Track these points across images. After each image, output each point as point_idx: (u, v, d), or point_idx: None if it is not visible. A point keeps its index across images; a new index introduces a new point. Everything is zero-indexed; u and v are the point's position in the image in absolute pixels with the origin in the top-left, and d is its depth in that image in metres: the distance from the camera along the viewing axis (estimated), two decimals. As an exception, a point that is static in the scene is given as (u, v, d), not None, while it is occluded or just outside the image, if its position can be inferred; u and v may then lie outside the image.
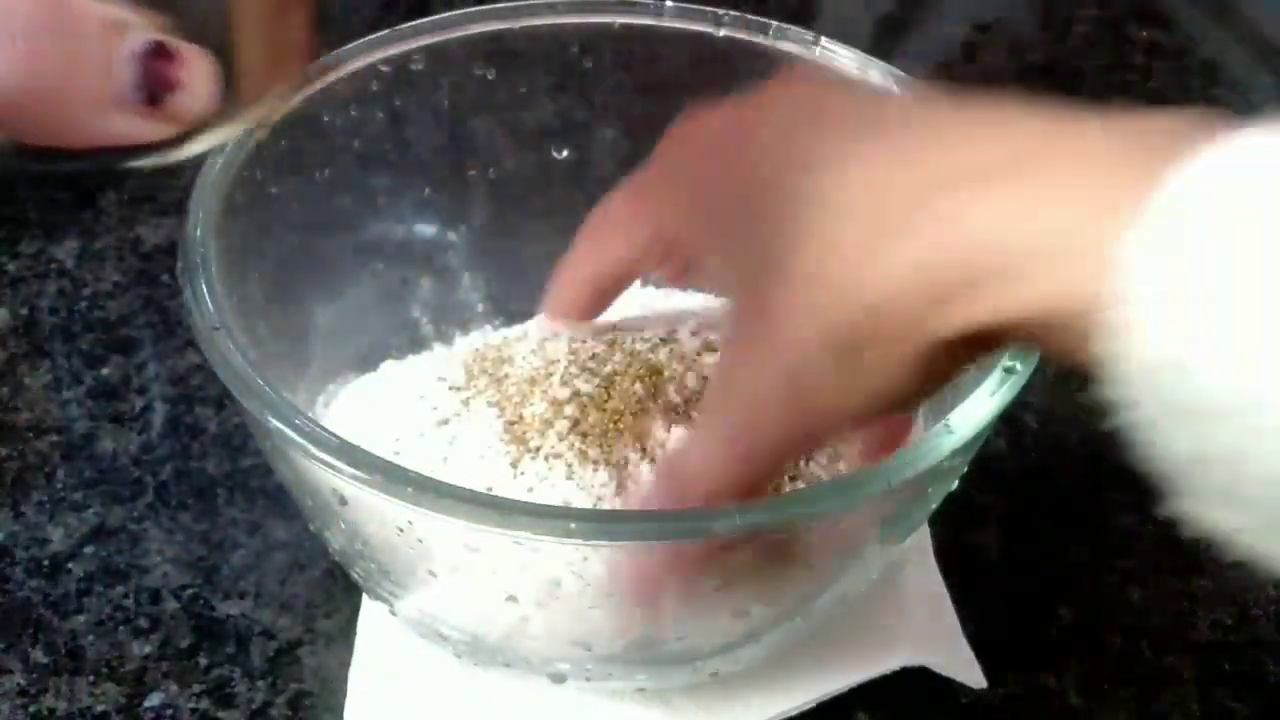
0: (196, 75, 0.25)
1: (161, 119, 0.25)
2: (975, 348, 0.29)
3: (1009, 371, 0.36)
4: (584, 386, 0.41)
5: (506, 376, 0.42)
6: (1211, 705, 0.47)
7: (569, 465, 0.39)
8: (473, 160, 0.53)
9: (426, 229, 0.53)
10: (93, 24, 0.22)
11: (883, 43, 0.82)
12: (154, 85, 0.24)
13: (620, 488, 0.39)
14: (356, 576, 0.42)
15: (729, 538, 0.33)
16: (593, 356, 0.42)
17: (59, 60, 0.22)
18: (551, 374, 0.41)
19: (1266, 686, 0.48)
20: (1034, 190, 0.27)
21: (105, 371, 0.56)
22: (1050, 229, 0.26)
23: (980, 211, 0.27)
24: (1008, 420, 0.37)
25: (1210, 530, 0.25)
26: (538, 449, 0.40)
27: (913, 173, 0.29)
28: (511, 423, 0.41)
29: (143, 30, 0.23)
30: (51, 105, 0.23)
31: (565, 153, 0.54)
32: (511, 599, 0.37)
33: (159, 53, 0.24)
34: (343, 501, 0.36)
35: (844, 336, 0.29)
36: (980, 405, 0.36)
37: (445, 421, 0.42)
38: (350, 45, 0.48)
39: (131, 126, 0.24)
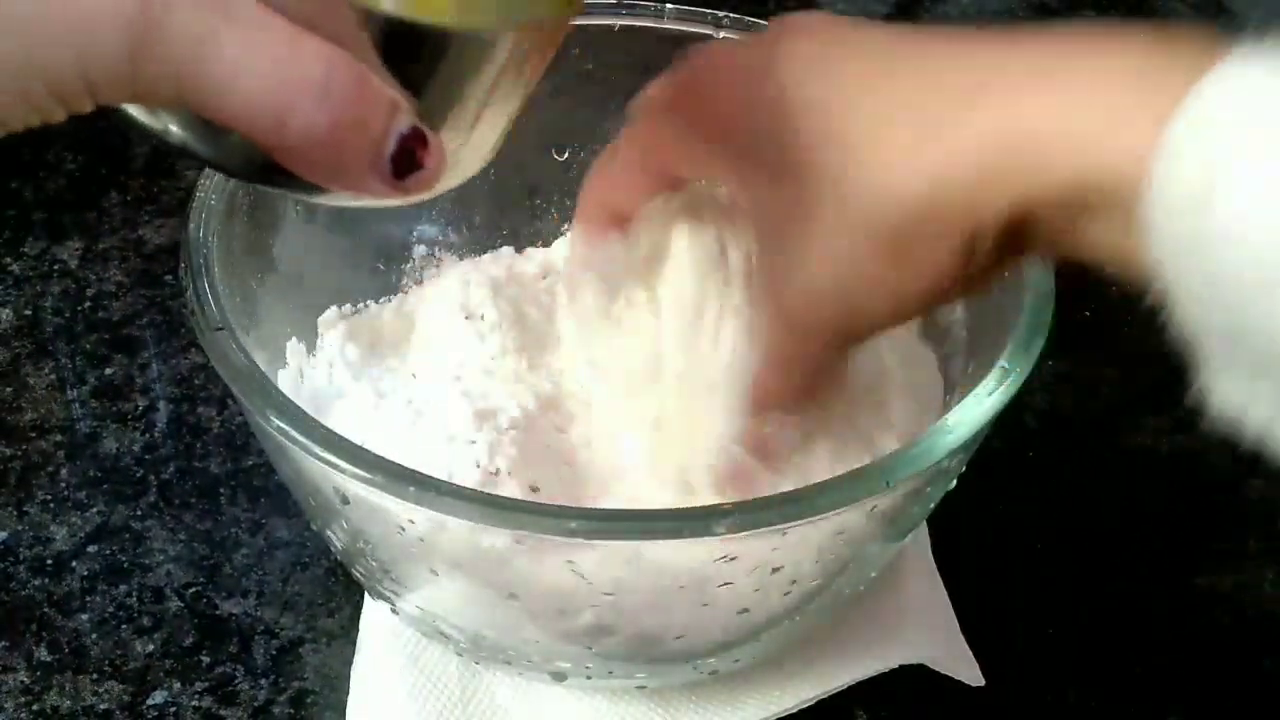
0: (435, 162, 0.29)
1: (396, 190, 0.28)
2: (1015, 242, 0.30)
3: (1007, 372, 0.37)
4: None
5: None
6: (1211, 704, 0.47)
7: None
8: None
9: (427, 229, 0.53)
10: (384, 99, 0.27)
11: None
12: (405, 164, 0.28)
13: None
14: (358, 575, 0.42)
15: (728, 535, 0.33)
16: None
17: (353, 122, 0.26)
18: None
19: (1266, 686, 0.48)
20: (1072, 82, 0.28)
21: (108, 371, 0.57)
22: (1093, 109, 0.27)
23: (1024, 101, 0.29)
24: (1007, 420, 0.37)
25: (1227, 408, 0.26)
26: None
27: (951, 78, 0.30)
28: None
29: (409, 114, 0.27)
30: (329, 153, 0.26)
31: (565, 153, 0.54)
32: (512, 598, 0.37)
33: (417, 137, 0.28)
34: (345, 500, 0.36)
35: (892, 232, 0.31)
36: (979, 405, 0.36)
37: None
38: (352, 47, 0.48)
39: (370, 187, 0.28)
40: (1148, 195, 0.26)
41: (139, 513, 0.51)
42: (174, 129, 0.29)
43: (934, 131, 0.30)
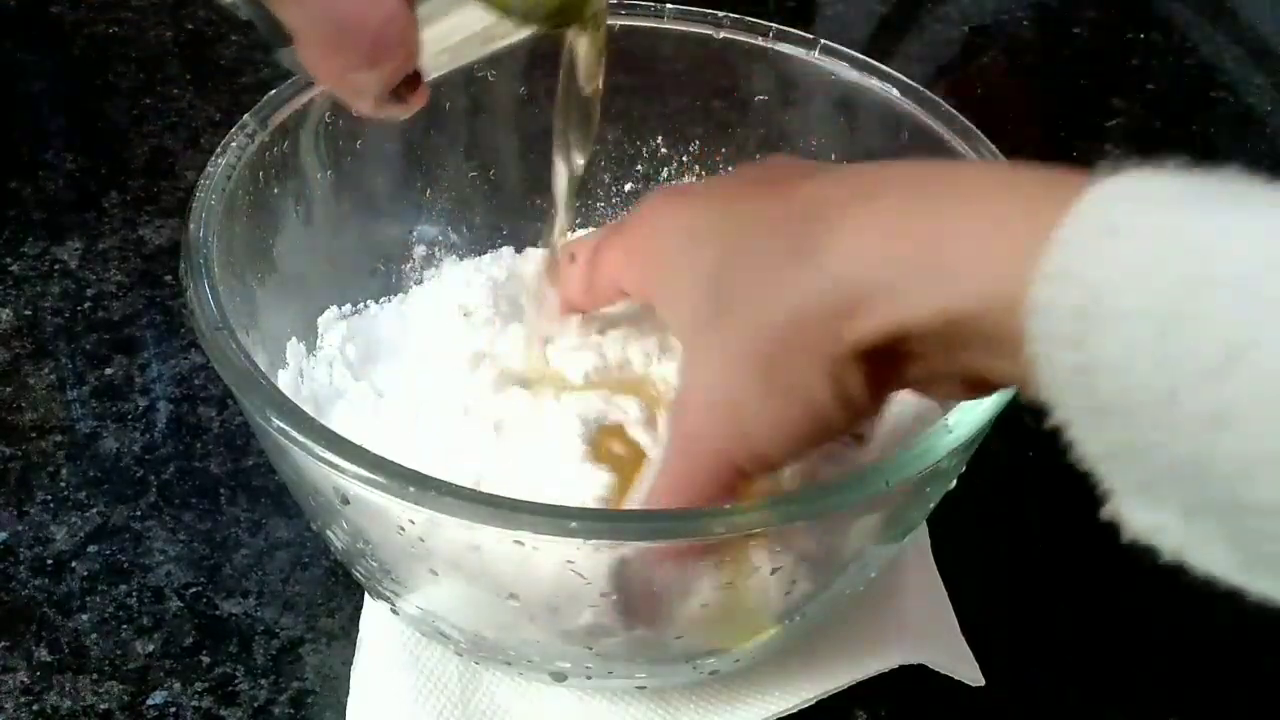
0: (419, 101, 0.35)
1: (384, 106, 0.34)
2: (892, 370, 0.31)
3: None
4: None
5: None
6: (1210, 703, 0.47)
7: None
8: (473, 161, 0.53)
9: (427, 229, 0.53)
10: (412, 47, 0.32)
11: (881, 44, 0.82)
12: (401, 92, 0.34)
13: None
14: (358, 575, 0.42)
15: (727, 532, 0.33)
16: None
17: (380, 64, 0.32)
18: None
19: (1266, 686, 0.48)
20: (938, 208, 0.29)
21: (108, 371, 0.57)
22: (965, 232, 0.28)
23: (885, 223, 0.30)
24: (1006, 420, 0.37)
25: (1141, 533, 0.26)
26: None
27: (815, 206, 0.32)
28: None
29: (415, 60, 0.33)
30: (348, 76, 0.32)
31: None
32: (512, 598, 0.37)
33: (416, 79, 0.34)
34: (345, 501, 0.36)
35: (763, 360, 0.31)
36: (978, 405, 0.36)
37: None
38: (352, 47, 0.48)
39: (357, 103, 0.34)
40: (1029, 329, 0.26)
41: (139, 513, 0.51)
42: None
43: (804, 255, 0.31)
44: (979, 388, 0.32)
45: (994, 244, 0.27)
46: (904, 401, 0.45)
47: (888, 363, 0.30)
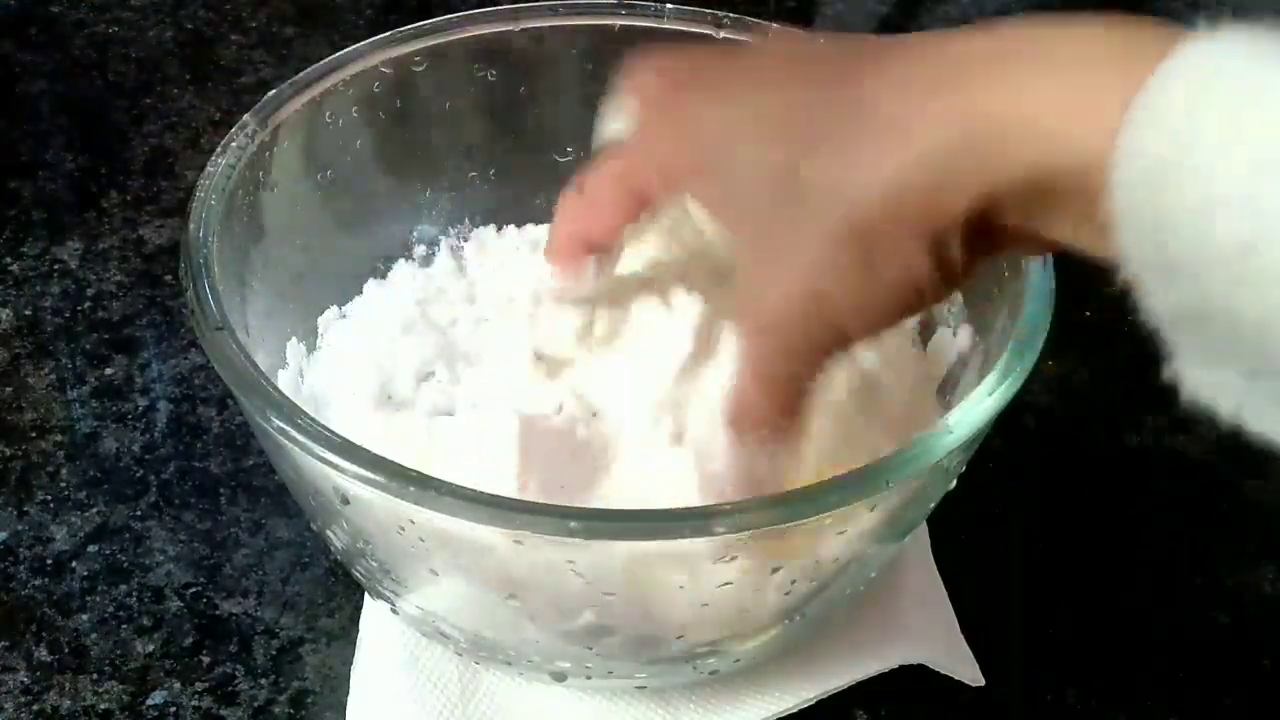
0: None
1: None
2: (985, 239, 0.30)
3: (1007, 372, 0.37)
4: None
5: None
6: (1210, 703, 0.47)
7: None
8: (473, 160, 0.53)
9: (427, 229, 0.53)
10: None
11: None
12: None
13: None
14: (358, 575, 0.42)
15: (727, 534, 0.33)
16: None
17: None
18: None
19: (1266, 686, 0.48)
20: (1029, 71, 0.28)
21: (108, 371, 0.57)
22: (1053, 94, 0.28)
23: (981, 93, 0.29)
24: (1006, 420, 0.37)
25: (1198, 393, 0.26)
26: None
27: (907, 77, 0.31)
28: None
29: None
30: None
31: (566, 154, 0.54)
32: (512, 598, 0.37)
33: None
34: (345, 501, 0.36)
35: (858, 237, 0.31)
36: (979, 405, 0.36)
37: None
38: (352, 47, 0.48)
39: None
40: (1113, 177, 0.26)
41: (139, 513, 0.51)
42: None
43: (892, 133, 0.30)
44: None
45: (1084, 101, 0.27)
46: (899, 403, 0.45)
47: (980, 230, 0.30)
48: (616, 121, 0.39)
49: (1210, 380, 0.26)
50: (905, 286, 0.31)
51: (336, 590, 0.48)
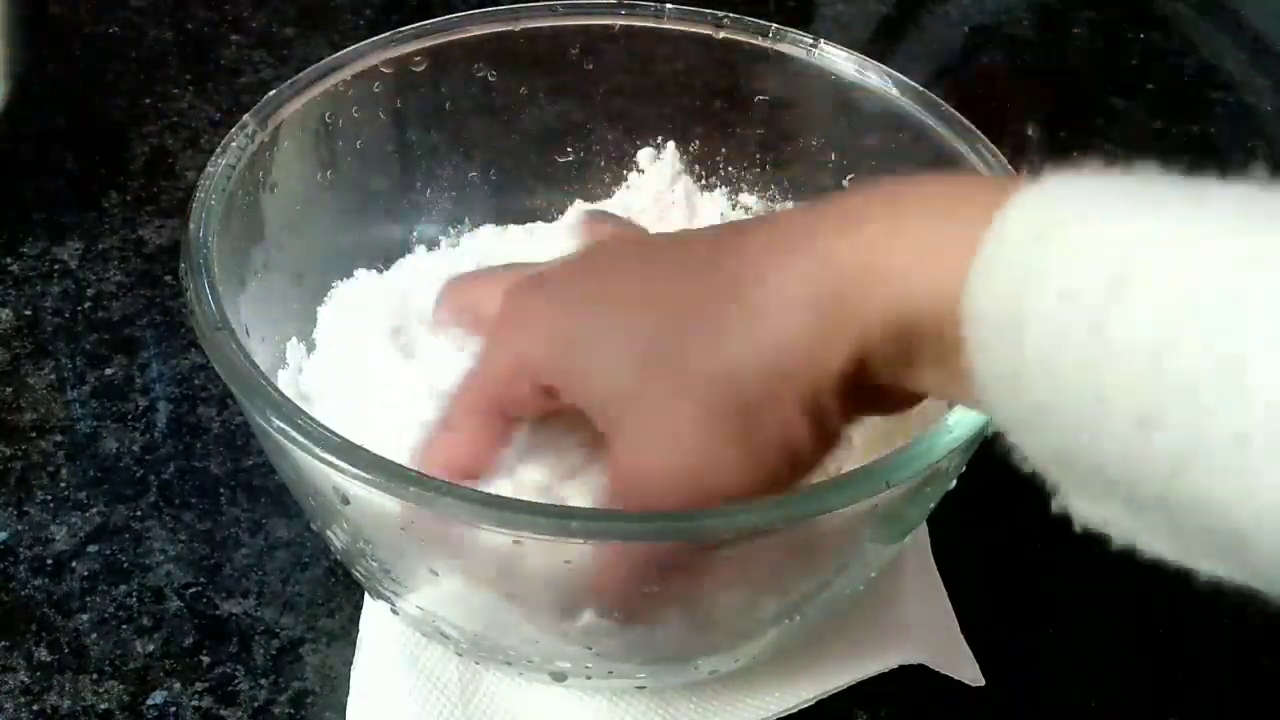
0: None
1: None
2: (860, 395, 0.31)
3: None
4: None
5: None
6: (1211, 704, 0.47)
7: None
8: (473, 161, 0.53)
9: (427, 229, 0.53)
10: None
11: (881, 44, 0.82)
12: None
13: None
14: (358, 575, 0.42)
15: (727, 532, 0.33)
16: None
17: None
18: None
19: (1266, 686, 0.48)
20: (880, 224, 0.29)
21: (108, 371, 0.57)
22: (903, 245, 0.28)
23: (836, 246, 0.30)
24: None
25: (1090, 524, 0.27)
26: None
27: (767, 242, 0.32)
28: None
29: None
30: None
31: (566, 154, 0.54)
32: (512, 598, 0.37)
33: None
34: (345, 501, 0.36)
35: (738, 410, 0.31)
36: (978, 405, 0.36)
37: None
38: (352, 47, 0.48)
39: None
40: (963, 333, 0.26)
41: (139, 513, 0.51)
42: None
43: (755, 305, 0.31)
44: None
45: (931, 251, 0.28)
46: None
47: (854, 388, 0.30)
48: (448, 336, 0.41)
49: (1096, 514, 0.27)
50: (784, 453, 0.32)
51: (336, 590, 0.48)
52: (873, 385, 0.30)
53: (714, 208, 0.54)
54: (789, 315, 0.30)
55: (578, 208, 0.54)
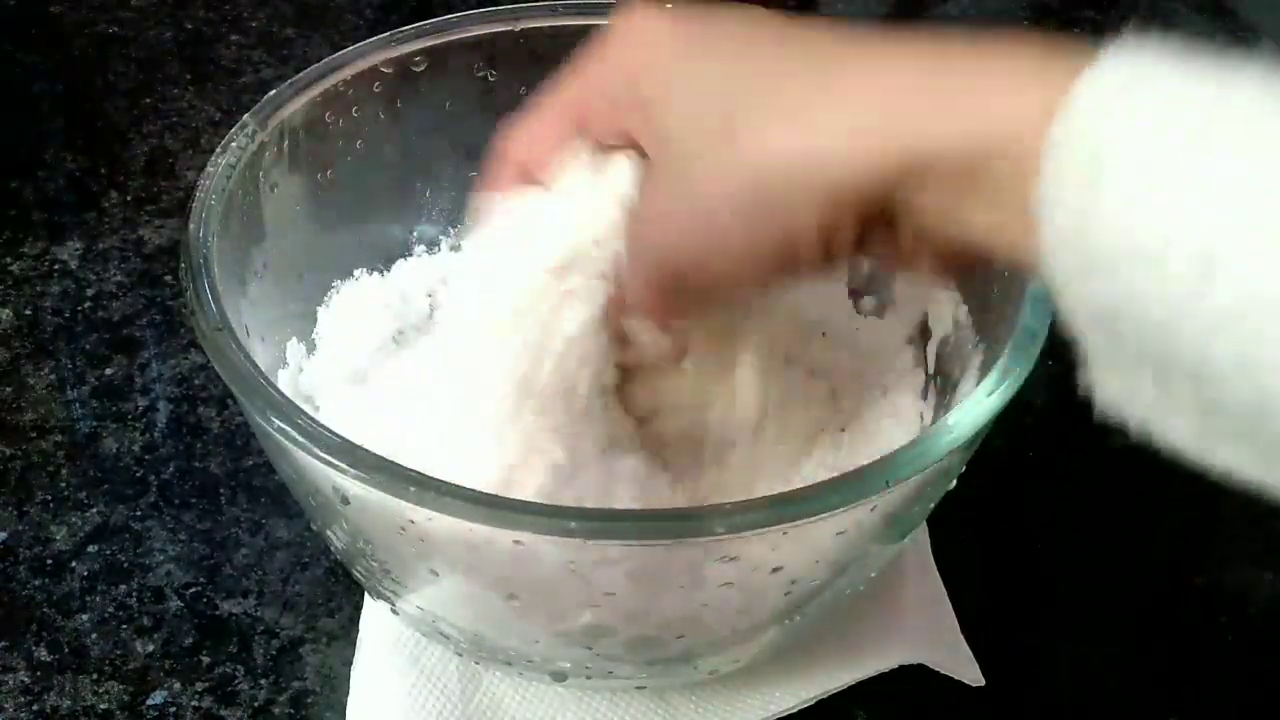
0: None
1: None
2: (881, 230, 0.31)
3: (1007, 372, 0.37)
4: None
5: None
6: (1211, 704, 0.47)
7: None
8: (473, 161, 0.53)
9: (427, 229, 0.53)
10: None
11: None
12: None
13: None
14: (358, 575, 0.42)
15: (728, 535, 0.33)
16: None
17: None
18: None
19: (1266, 686, 0.48)
20: (956, 64, 0.29)
21: (108, 371, 0.57)
22: (989, 78, 0.29)
23: (909, 66, 0.30)
24: (1006, 420, 0.37)
25: (1111, 403, 0.28)
26: None
27: (835, 47, 0.32)
28: None
29: None
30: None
31: (566, 154, 0.54)
32: (512, 598, 0.37)
33: None
34: (345, 501, 0.36)
35: (758, 183, 0.32)
36: (979, 405, 0.36)
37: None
38: (352, 47, 0.48)
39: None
40: (1040, 170, 0.26)
41: (139, 513, 0.51)
42: None
43: (815, 95, 0.31)
44: (959, 264, 0.33)
45: (1015, 91, 0.28)
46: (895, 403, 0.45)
47: (880, 213, 0.31)
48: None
49: (1122, 387, 0.27)
50: (784, 253, 0.32)
51: (336, 590, 0.48)
52: (915, 212, 0.30)
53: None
54: (834, 123, 0.30)
55: None
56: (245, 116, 0.44)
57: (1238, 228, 0.24)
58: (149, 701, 0.45)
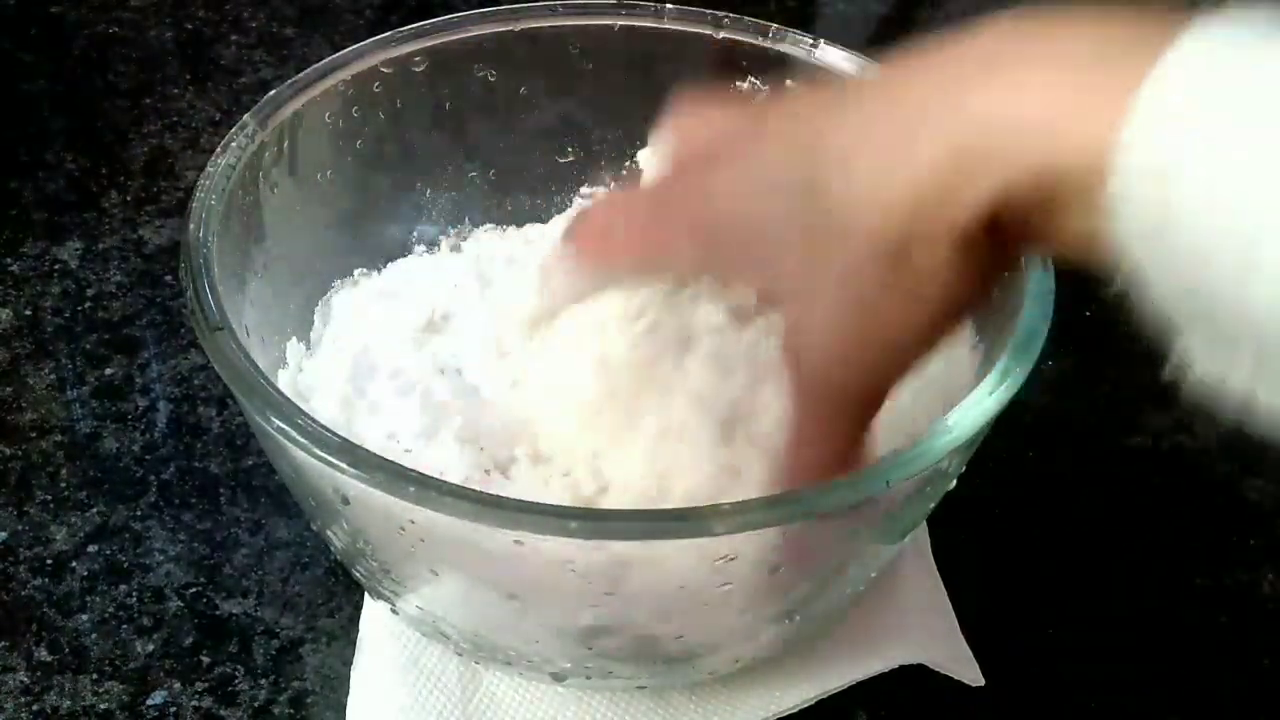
0: None
1: None
2: (1008, 239, 0.30)
3: (1007, 372, 0.37)
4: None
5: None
6: (1211, 704, 0.47)
7: None
8: (473, 161, 0.53)
9: (427, 229, 0.53)
10: None
11: (881, 44, 0.82)
12: None
13: None
14: (358, 575, 0.42)
15: (727, 532, 0.33)
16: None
17: None
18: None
19: (1266, 686, 0.48)
20: (1025, 67, 0.28)
21: (108, 371, 0.57)
22: (1052, 94, 0.28)
23: (979, 93, 0.29)
24: (1006, 420, 0.37)
25: (1206, 380, 0.26)
26: None
27: (907, 95, 0.31)
28: None
29: None
30: None
31: (566, 154, 0.54)
32: (512, 598, 0.37)
33: None
34: (345, 501, 0.36)
35: (888, 246, 0.30)
36: (978, 405, 0.36)
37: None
38: (352, 47, 0.48)
39: None
40: (1114, 174, 0.26)
41: (139, 513, 0.51)
42: None
43: (901, 143, 0.30)
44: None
45: (1084, 97, 0.27)
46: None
47: (1001, 228, 0.30)
48: (655, 156, 0.40)
49: (1218, 365, 0.26)
50: (943, 289, 0.31)
51: (336, 590, 0.48)
52: (1020, 227, 0.30)
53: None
54: (928, 159, 0.29)
55: (578, 206, 0.54)
56: (245, 116, 0.44)
57: None
58: (149, 701, 0.45)
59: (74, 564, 0.49)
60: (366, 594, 0.46)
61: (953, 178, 0.29)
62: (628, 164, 0.54)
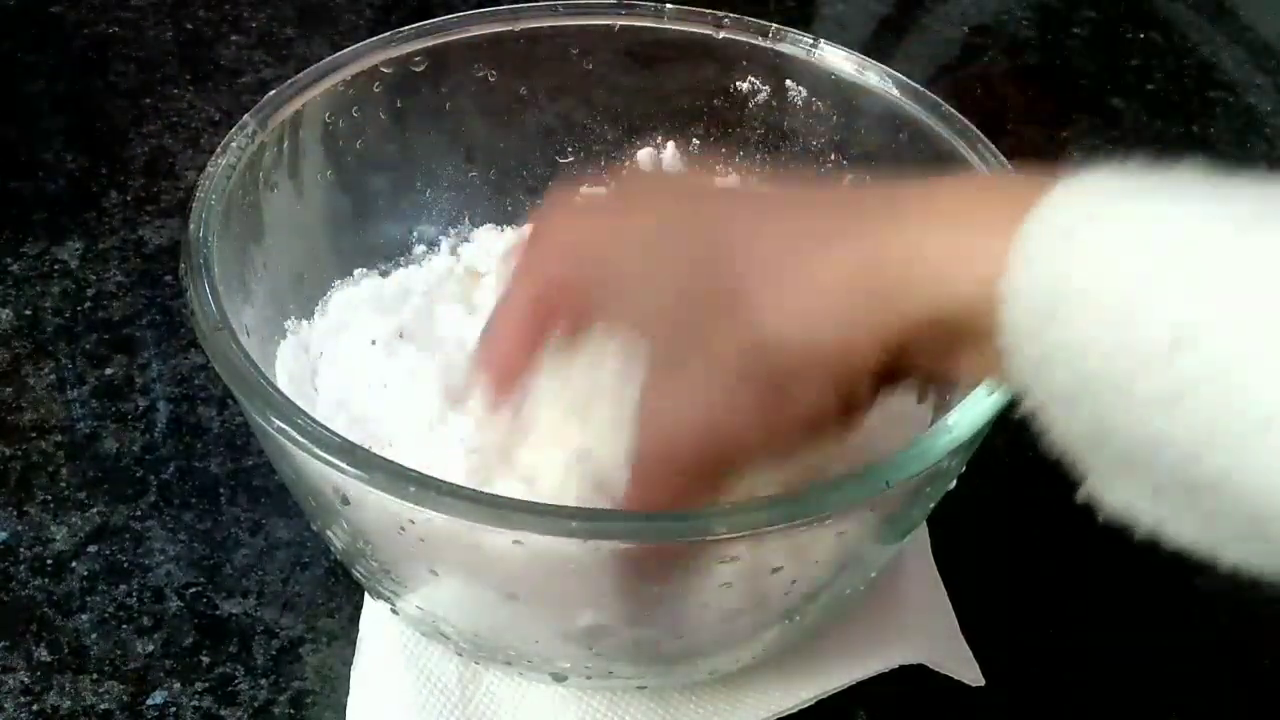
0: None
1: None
2: (892, 375, 0.32)
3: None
4: None
5: None
6: (1211, 704, 0.47)
7: None
8: (473, 161, 0.53)
9: (427, 229, 0.53)
10: None
11: (881, 44, 0.82)
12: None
13: None
14: (358, 575, 0.42)
15: (727, 532, 0.33)
16: None
17: None
18: None
19: (1266, 686, 0.48)
20: (920, 218, 0.30)
21: (108, 371, 0.57)
22: (942, 239, 0.29)
23: (877, 236, 0.31)
24: (1006, 419, 0.37)
25: (1116, 511, 0.28)
26: None
27: (811, 226, 0.33)
28: None
29: None
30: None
31: (566, 154, 0.54)
32: (512, 598, 0.37)
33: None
34: (345, 501, 0.36)
35: (770, 375, 0.32)
36: (979, 405, 0.36)
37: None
38: (352, 47, 0.48)
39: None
40: (1001, 317, 0.27)
41: (139, 513, 0.51)
42: None
43: (801, 278, 0.31)
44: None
45: (970, 246, 0.29)
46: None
47: (889, 368, 0.31)
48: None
49: (1121, 499, 0.28)
50: (807, 426, 0.32)
51: (336, 590, 0.48)
52: (914, 365, 0.31)
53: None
54: (827, 298, 0.31)
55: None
56: (245, 116, 0.44)
57: (1194, 370, 0.24)
58: (149, 701, 0.45)
59: (74, 564, 0.49)
60: (366, 594, 0.46)
61: (844, 321, 0.31)
62: (628, 164, 0.54)
